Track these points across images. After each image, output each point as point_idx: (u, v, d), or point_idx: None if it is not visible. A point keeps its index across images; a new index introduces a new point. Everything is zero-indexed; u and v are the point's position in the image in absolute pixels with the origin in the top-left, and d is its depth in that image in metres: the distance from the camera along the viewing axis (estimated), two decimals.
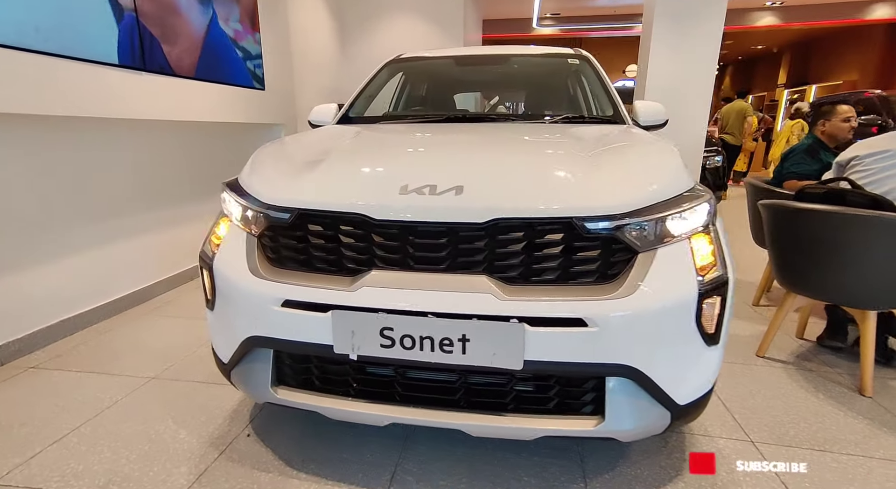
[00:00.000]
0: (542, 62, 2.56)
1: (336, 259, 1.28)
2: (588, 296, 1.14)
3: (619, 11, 10.18)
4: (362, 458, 1.55)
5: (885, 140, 2.03)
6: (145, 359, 2.22)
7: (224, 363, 1.47)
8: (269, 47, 4.02)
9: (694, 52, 3.51)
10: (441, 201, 1.20)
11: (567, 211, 1.16)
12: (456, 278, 1.19)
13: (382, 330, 1.18)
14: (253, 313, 1.30)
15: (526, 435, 1.24)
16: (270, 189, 1.37)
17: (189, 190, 3.43)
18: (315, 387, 1.37)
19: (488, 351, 1.14)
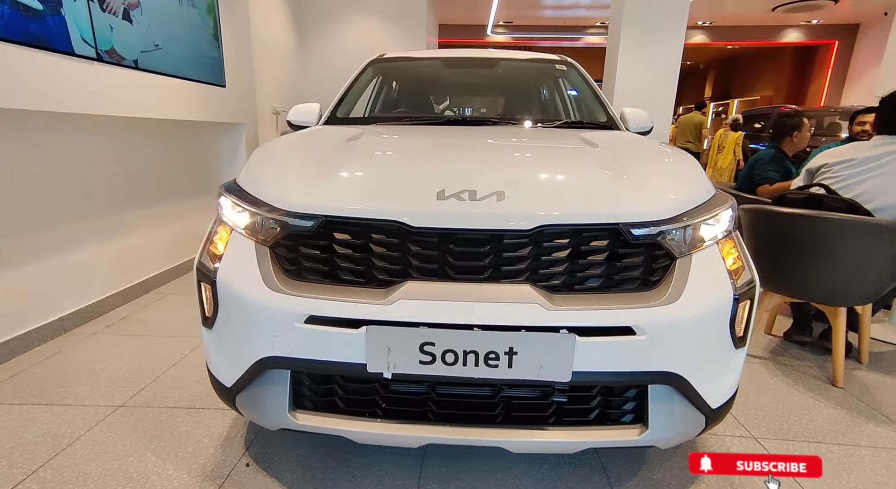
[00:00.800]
0: (530, 67, 2.56)
1: (366, 270, 1.18)
2: (634, 304, 1.12)
3: (568, 23, 10.57)
4: (381, 481, 1.44)
5: (850, 150, 2.21)
6: (106, 385, 1.97)
7: (226, 387, 1.32)
8: (229, 42, 3.76)
9: (659, 61, 3.68)
10: (483, 207, 1.14)
11: (614, 217, 1.14)
12: (498, 288, 1.14)
13: (423, 345, 1.10)
14: (270, 331, 1.17)
15: (570, 448, 1.21)
16: (289, 194, 1.24)
17: (144, 193, 3.13)
18: (338, 409, 1.25)
19: (536, 364, 1.10)
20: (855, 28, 11.87)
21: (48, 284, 2.40)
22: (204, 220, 3.75)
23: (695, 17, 11.27)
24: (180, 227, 3.52)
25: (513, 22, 10.30)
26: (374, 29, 5.99)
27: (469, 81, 2.50)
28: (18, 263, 2.24)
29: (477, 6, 8.86)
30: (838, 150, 2.27)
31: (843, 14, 10.99)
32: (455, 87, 2.48)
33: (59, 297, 2.47)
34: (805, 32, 12.11)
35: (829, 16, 11.12)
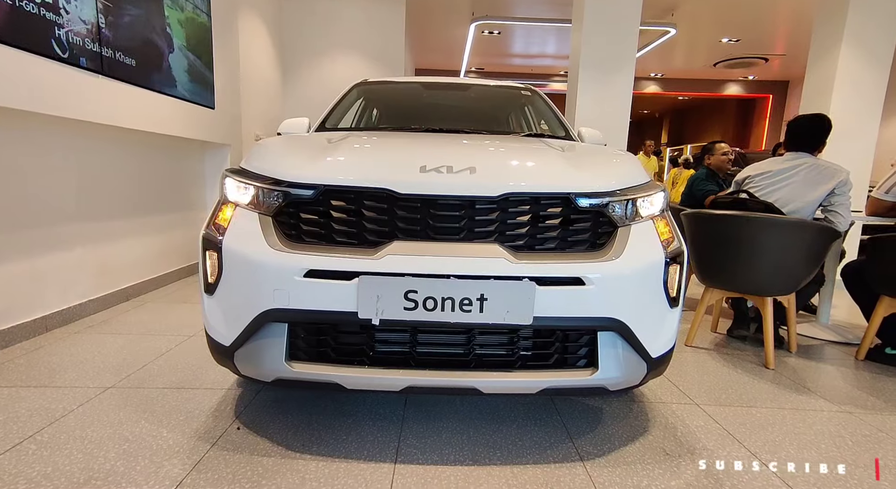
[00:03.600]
0: (499, 92, 2.92)
1: (358, 232, 1.39)
2: (583, 260, 1.36)
3: (535, 71, 11.44)
4: (363, 438, 1.58)
5: (767, 164, 2.61)
6: (93, 371, 2.03)
7: (225, 346, 1.46)
8: (220, 69, 4.01)
9: (612, 103, 4.17)
10: (458, 179, 1.38)
11: (565, 188, 1.40)
12: (471, 246, 1.36)
13: (407, 293, 1.30)
14: (272, 286, 1.34)
15: (532, 387, 1.39)
16: (293, 169, 1.45)
17: (131, 204, 3.24)
18: (330, 359, 1.41)
19: (503, 309, 1.31)
20: (786, 84, 13.27)
21: (32, 284, 2.46)
22: (186, 234, 3.91)
23: (648, 69, 12.37)
24: (163, 239, 3.62)
25: (484, 68, 11.09)
26: (354, 69, 6.39)
27: (445, 103, 2.82)
28: (5, 260, 2.31)
29: (451, 53, 9.55)
30: (759, 164, 2.67)
31: (774, 72, 12.32)
32: (432, 107, 2.78)
33: (42, 298, 2.52)
34: (743, 86, 13.43)
35: (763, 73, 12.43)
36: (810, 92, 4.78)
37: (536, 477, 1.41)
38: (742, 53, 10.00)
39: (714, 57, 10.38)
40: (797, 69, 11.86)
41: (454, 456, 1.50)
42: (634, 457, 1.53)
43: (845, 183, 2.41)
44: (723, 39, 8.98)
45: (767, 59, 10.51)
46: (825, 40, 4.62)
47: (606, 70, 4.23)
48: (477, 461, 1.48)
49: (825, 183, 2.41)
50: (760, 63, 10.82)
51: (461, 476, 1.40)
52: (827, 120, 2.52)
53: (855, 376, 2.35)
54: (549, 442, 1.60)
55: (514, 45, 9.53)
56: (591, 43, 4.18)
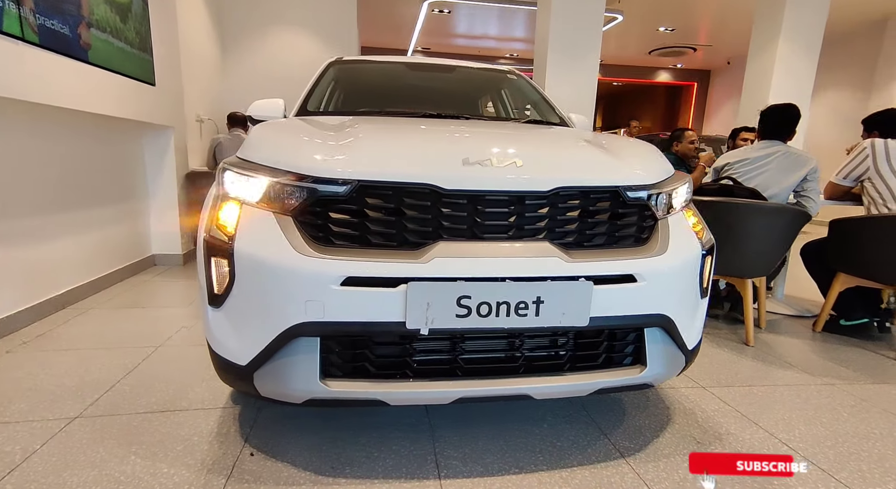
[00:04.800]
0: (485, 74, 2.80)
1: (397, 233, 1.24)
2: (634, 256, 1.32)
3: (481, 53, 11.34)
4: (397, 453, 1.46)
5: (744, 152, 2.73)
6: (47, 399, 1.72)
7: (240, 366, 1.27)
8: (158, 38, 3.53)
9: (581, 85, 4.19)
10: (505, 172, 1.26)
11: (614, 181, 1.34)
12: (521, 245, 1.26)
13: (460, 299, 1.18)
14: (304, 296, 1.17)
15: (585, 389, 1.34)
16: (319, 161, 1.26)
17: (58, 198, 2.78)
18: (369, 374, 1.27)
19: (559, 311, 1.23)
20: (708, 73, 14.21)
21: None
22: (126, 229, 3.44)
23: None
24: (100, 236, 3.17)
25: (430, 48, 10.81)
26: (301, 46, 5.94)
27: (431, 85, 2.65)
28: None
29: (399, 31, 9.19)
30: (736, 152, 2.79)
31: (699, 62, 13.13)
32: (419, 90, 2.60)
33: None
34: (673, 74, 14.20)
35: (689, 62, 13.20)
36: (751, 80, 5.10)
37: (587, 480, 1.37)
38: (675, 43, 10.54)
39: (650, 45, 10.85)
40: (718, 60, 12.74)
41: (498, 465, 1.43)
42: (670, 449, 1.54)
43: (815, 169, 2.58)
44: (660, 28, 9.38)
45: (696, 49, 11.16)
46: (764, 34, 4.94)
47: (574, 55, 4.24)
48: (523, 468, 1.41)
49: (799, 170, 2.56)
50: (689, 52, 11.47)
51: (513, 485, 1.33)
52: (796, 109, 2.67)
53: (822, 349, 2.56)
54: (586, 440, 1.57)
55: (462, 25, 9.36)
56: (559, 28, 4.17)
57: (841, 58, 9.03)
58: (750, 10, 7.98)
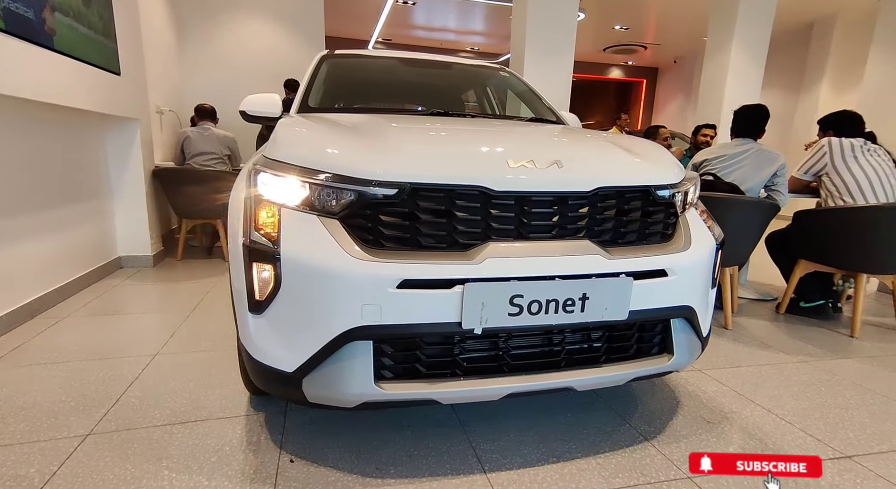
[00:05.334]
0: (480, 72, 2.82)
1: (448, 235, 1.25)
2: (664, 252, 1.40)
3: (444, 46, 11.31)
4: (436, 450, 1.48)
5: (721, 148, 2.93)
6: (49, 417, 1.60)
7: (287, 374, 1.25)
8: (122, 20, 3.28)
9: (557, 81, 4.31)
10: (548, 173, 1.30)
11: (646, 181, 1.41)
12: (565, 244, 1.31)
13: (513, 298, 1.21)
14: (359, 300, 1.16)
15: (621, 379, 1.42)
16: (368, 163, 1.25)
17: (16, 198, 2.56)
18: (420, 374, 1.28)
19: (602, 306, 1.29)
20: (655, 70, 14.91)
21: None
22: (91, 230, 3.21)
23: None
24: (63, 239, 2.93)
25: (392, 40, 10.65)
26: (268, 34, 5.70)
27: (429, 81, 2.64)
28: None
29: (363, 20, 8.99)
30: (712, 149, 2.99)
31: (648, 60, 13.75)
32: (418, 86, 2.59)
33: None
34: (624, 71, 14.79)
35: (639, 60, 13.79)
36: (707, 82, 5.43)
37: (621, 464, 1.45)
38: (629, 40, 10.97)
39: (605, 42, 11.23)
40: (665, 58, 13.39)
41: (535, 455, 1.48)
42: (687, 430, 1.66)
43: (784, 165, 2.81)
44: (615, 26, 9.73)
45: (647, 47, 11.67)
46: (718, 40, 5.27)
47: (550, 52, 4.34)
48: (559, 457, 1.48)
49: (770, 165, 2.78)
50: (640, 50, 11.99)
51: (556, 475, 1.39)
52: (766, 110, 2.89)
53: (789, 329, 2.81)
54: (610, 426, 1.66)
55: (425, 17, 9.29)
56: (535, 26, 4.27)
57: (774, 61, 9.74)
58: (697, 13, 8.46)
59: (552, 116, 2.51)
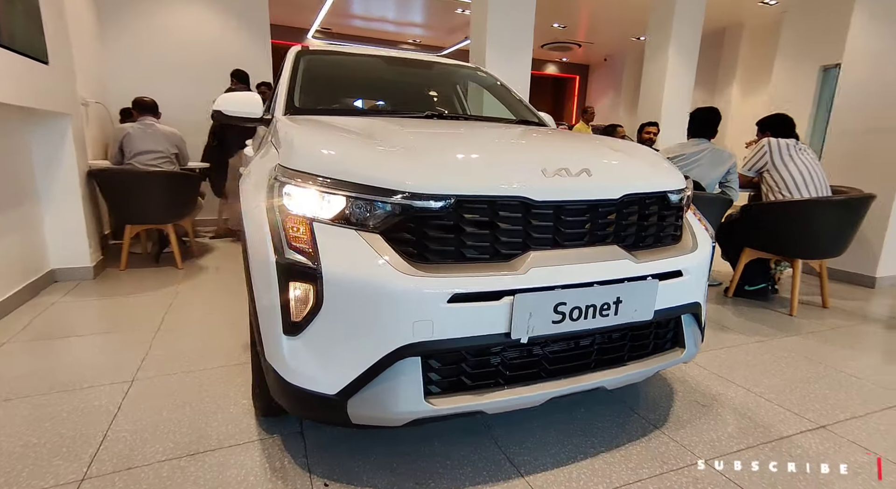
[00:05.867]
0: (462, 72, 2.80)
1: (490, 245, 1.25)
2: (678, 254, 1.49)
3: (384, 37, 11.06)
4: (470, 459, 1.48)
5: (680, 147, 3.15)
6: (29, 466, 1.41)
7: (328, 397, 1.19)
8: (46, 5, 2.88)
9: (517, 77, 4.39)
10: (580, 182, 1.34)
11: (662, 186, 1.49)
12: (596, 250, 1.36)
13: (557, 306, 1.24)
14: (412, 317, 1.14)
15: (645, 375, 1.50)
16: (415, 177, 1.20)
17: None
18: (466, 386, 1.27)
19: (632, 308, 1.36)
20: (587, 68, 15.64)
21: None
22: (17, 242, 2.82)
23: None
24: None
25: (331, 29, 10.24)
26: (206, 20, 5.26)
27: (410, 81, 2.58)
28: None
29: (304, 8, 8.54)
30: (672, 147, 3.20)
31: (580, 57, 14.39)
32: (402, 85, 2.52)
33: None
34: (559, 67, 15.36)
35: (573, 57, 14.39)
36: (648, 82, 5.79)
37: (642, 455, 1.54)
38: (565, 38, 11.38)
39: (544, 39, 11.55)
40: (596, 56, 14.08)
41: (564, 454, 1.53)
42: (687, 415, 1.79)
43: (735, 163, 3.08)
44: (554, 24, 10.06)
45: (581, 45, 12.20)
46: (657, 41, 5.62)
47: (511, 49, 4.40)
48: (586, 453, 1.54)
49: (724, 164, 3.04)
50: (574, 48, 12.50)
51: (588, 471, 1.45)
52: (718, 112, 3.15)
53: (741, 311, 3.10)
54: (621, 418, 1.75)
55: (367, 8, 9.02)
56: (496, 24, 4.31)
57: None
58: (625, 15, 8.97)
59: (534, 118, 2.57)
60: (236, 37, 5.44)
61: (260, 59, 5.58)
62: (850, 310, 3.23)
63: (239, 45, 5.44)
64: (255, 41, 5.55)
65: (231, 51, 5.38)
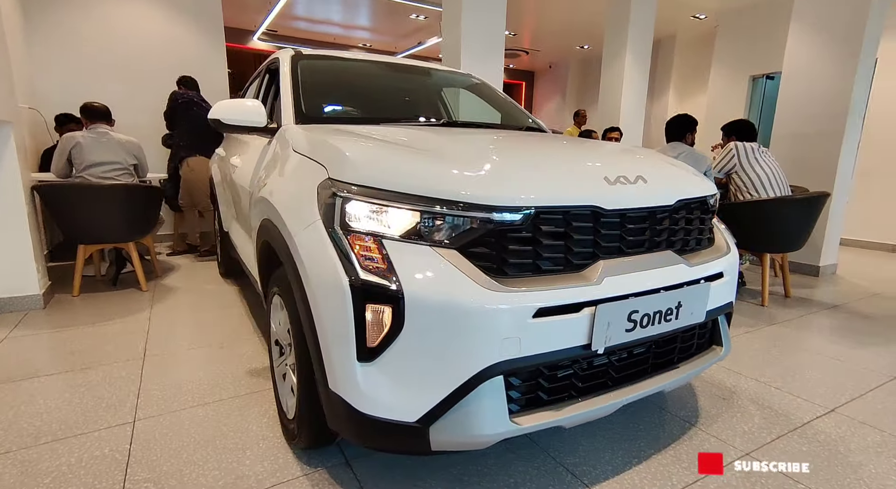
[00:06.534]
0: (457, 79, 2.77)
1: (563, 257, 1.23)
2: (718, 255, 1.55)
3: (338, 40, 10.79)
4: (529, 474, 1.45)
5: (662, 152, 3.29)
6: None
7: (408, 424, 1.12)
8: None
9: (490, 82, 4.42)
10: (639, 189, 1.35)
11: (703, 192, 1.54)
12: (655, 257, 1.37)
13: (630, 314, 1.24)
14: (500, 334, 1.09)
15: (694, 375, 1.53)
16: (496, 189, 1.16)
17: None
18: (543, 402, 1.24)
19: (689, 311, 1.39)
20: (532, 74, 16.15)
21: None
22: None
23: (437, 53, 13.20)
24: None
25: (277, 31, 9.82)
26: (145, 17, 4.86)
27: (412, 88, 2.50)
28: None
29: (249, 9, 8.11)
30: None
31: (526, 64, 14.83)
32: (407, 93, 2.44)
33: None
34: (507, 73, 15.65)
35: (519, 63, 14.80)
36: (606, 88, 6.05)
37: (691, 453, 1.58)
38: (514, 45, 11.68)
39: None
40: (541, 63, 14.58)
41: (619, 460, 1.54)
42: (715, 410, 1.86)
43: (710, 165, 3.27)
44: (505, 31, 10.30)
45: (528, 53, 12.57)
46: (613, 49, 5.89)
47: (483, 57, 4.43)
48: (639, 457, 1.56)
49: (701, 165, 3.22)
50: (522, 55, 12.86)
51: (647, 475, 1.46)
52: (692, 118, 3.33)
53: None
54: (656, 418, 1.79)
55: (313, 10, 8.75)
56: (470, 32, 4.35)
57: None
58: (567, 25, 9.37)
59: (535, 125, 2.59)
60: (186, 33, 5.07)
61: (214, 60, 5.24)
62: (808, 298, 3.53)
63: (190, 44, 5.08)
64: (208, 42, 5.20)
65: (181, 49, 5.02)
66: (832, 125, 4.17)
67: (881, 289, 3.82)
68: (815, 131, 4.29)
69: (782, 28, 4.86)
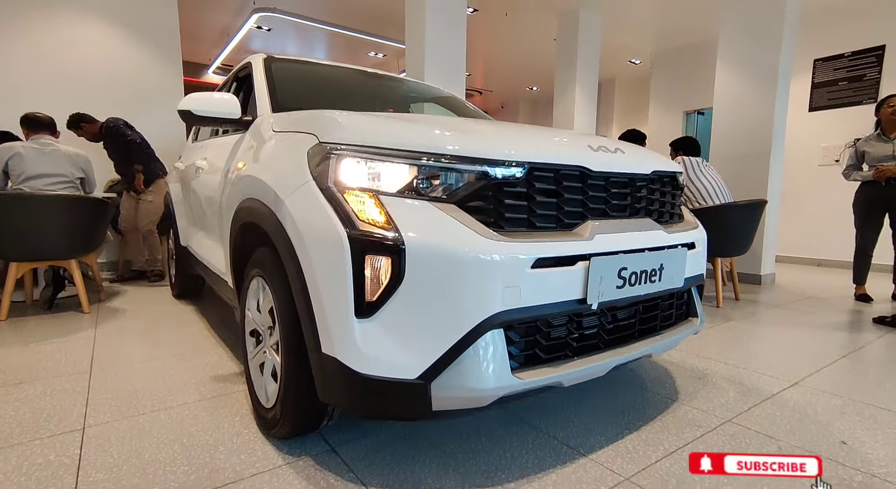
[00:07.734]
0: (428, 91, 2.86)
1: (554, 215, 1.26)
2: (688, 228, 1.64)
3: None
4: (525, 447, 1.42)
5: None
6: None
7: (408, 382, 1.08)
8: None
9: None
10: (619, 157, 1.43)
11: (673, 168, 1.64)
12: (635, 221, 1.44)
13: (620, 271, 1.28)
14: (501, 283, 1.09)
15: (677, 342, 1.58)
16: (491, 145, 1.19)
17: None
18: (540, 360, 1.23)
19: (669, 275, 1.45)
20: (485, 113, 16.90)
21: None
22: None
23: None
24: None
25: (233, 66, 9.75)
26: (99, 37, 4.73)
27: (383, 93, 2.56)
28: None
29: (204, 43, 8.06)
30: None
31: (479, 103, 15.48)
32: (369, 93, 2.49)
33: None
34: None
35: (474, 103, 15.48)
36: (558, 122, 6.44)
37: (678, 423, 1.60)
38: (469, 85, 12.26)
39: None
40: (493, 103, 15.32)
41: (612, 432, 1.53)
42: (692, 387, 1.91)
43: None
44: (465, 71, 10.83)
45: (482, 93, 13.21)
46: (564, 83, 6.33)
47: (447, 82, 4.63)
48: (631, 428, 1.56)
49: None
50: (476, 95, 13.47)
51: (642, 442, 1.47)
52: (642, 134, 3.58)
53: None
54: (640, 396, 1.81)
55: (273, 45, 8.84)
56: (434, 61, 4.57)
57: None
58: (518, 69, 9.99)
59: None
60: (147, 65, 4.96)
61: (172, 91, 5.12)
62: (755, 300, 3.76)
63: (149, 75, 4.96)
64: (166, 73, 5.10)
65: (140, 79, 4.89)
66: (760, 148, 4.62)
67: (815, 293, 4.13)
68: (746, 153, 4.72)
69: (709, 68, 5.41)
